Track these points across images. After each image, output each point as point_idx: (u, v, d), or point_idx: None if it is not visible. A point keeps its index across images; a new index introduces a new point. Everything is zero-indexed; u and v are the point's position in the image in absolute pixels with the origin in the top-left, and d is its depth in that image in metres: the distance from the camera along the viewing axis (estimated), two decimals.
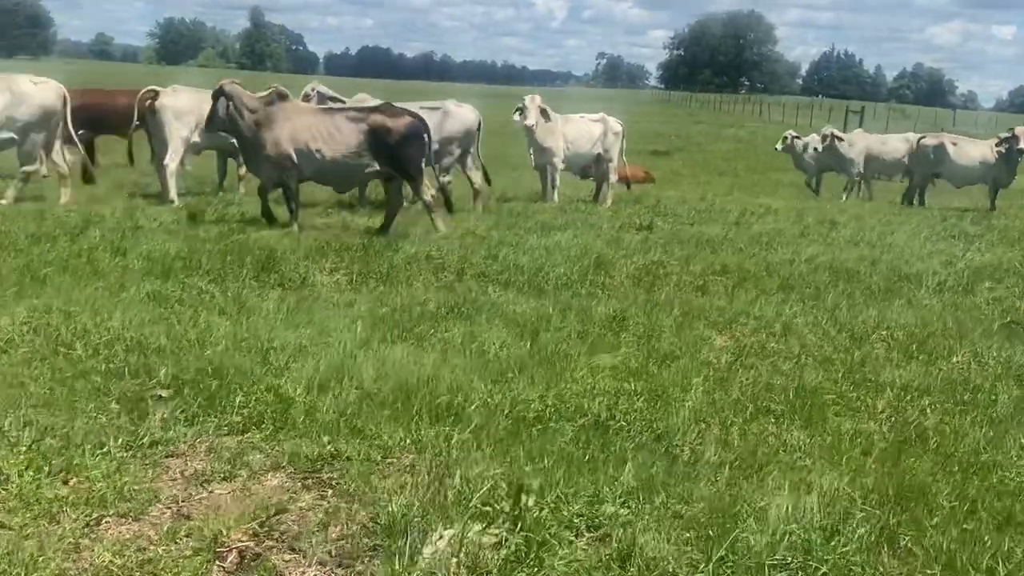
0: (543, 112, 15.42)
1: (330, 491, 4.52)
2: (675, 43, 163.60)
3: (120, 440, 4.86)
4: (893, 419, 5.87)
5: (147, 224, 11.13)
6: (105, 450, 4.72)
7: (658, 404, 5.83)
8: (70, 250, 9.53)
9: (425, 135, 11.71)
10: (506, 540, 3.94)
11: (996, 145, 18.45)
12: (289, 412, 5.36)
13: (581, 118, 16.43)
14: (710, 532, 4.08)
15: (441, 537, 3.90)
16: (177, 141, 13.60)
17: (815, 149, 21.19)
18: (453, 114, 14.17)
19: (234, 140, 13.79)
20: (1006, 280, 10.73)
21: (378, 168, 11.54)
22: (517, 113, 15.67)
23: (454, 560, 3.80)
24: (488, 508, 4.18)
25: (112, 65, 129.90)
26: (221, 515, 4.16)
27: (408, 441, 5.04)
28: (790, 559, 3.93)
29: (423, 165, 11.82)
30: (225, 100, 11.53)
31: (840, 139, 21.12)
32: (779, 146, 22.51)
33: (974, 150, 19.01)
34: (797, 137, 21.99)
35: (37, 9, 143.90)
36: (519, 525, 4.01)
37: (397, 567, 3.77)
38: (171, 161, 13.57)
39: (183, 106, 13.60)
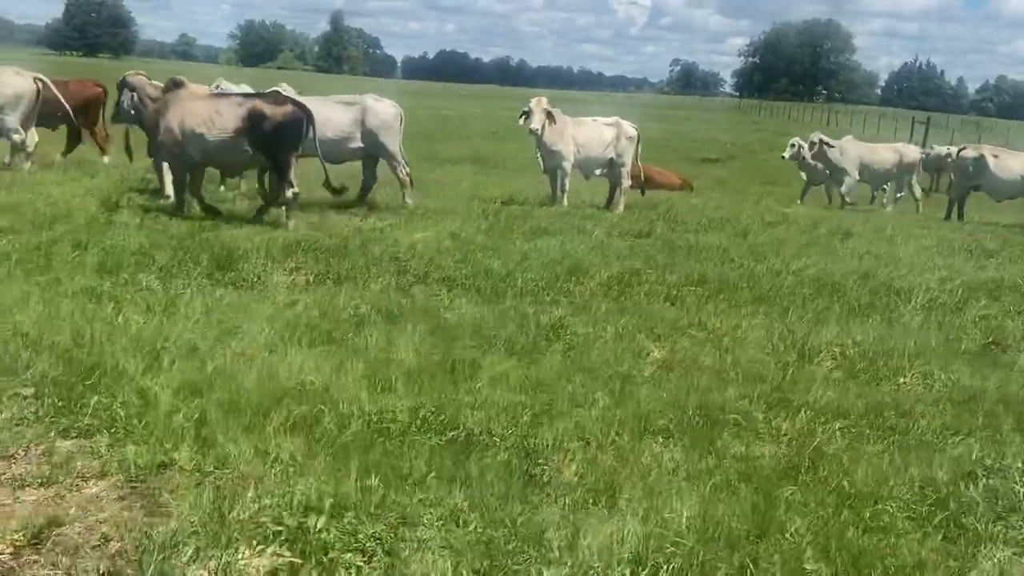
0: (549, 115, 15.07)
1: (140, 503, 4.28)
2: (750, 51, 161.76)
3: None
4: (794, 443, 5.47)
5: (120, 219, 11.03)
6: None
7: (544, 419, 5.50)
8: (32, 243, 9.46)
9: (304, 127, 11.66)
10: (282, 563, 3.66)
11: None
12: (145, 417, 5.14)
13: (593, 121, 16.06)
14: (493, 563, 3.76)
15: (211, 558, 3.64)
16: None
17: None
18: (372, 109, 13.77)
19: None
20: (1004, 298, 10.16)
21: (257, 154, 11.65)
22: (522, 117, 15.36)
23: None
24: (279, 528, 3.90)
25: (188, 65, 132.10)
26: None
27: (250, 453, 4.78)
28: None
29: (294, 155, 11.78)
30: (129, 91, 11.81)
31: (830, 146, 20.20)
32: (786, 154, 21.23)
33: (1015, 163, 18.26)
34: (803, 145, 20.93)
35: (119, 9, 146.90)
36: (301, 547, 3.73)
37: None
38: None
39: None
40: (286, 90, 14.22)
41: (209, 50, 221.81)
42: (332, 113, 13.37)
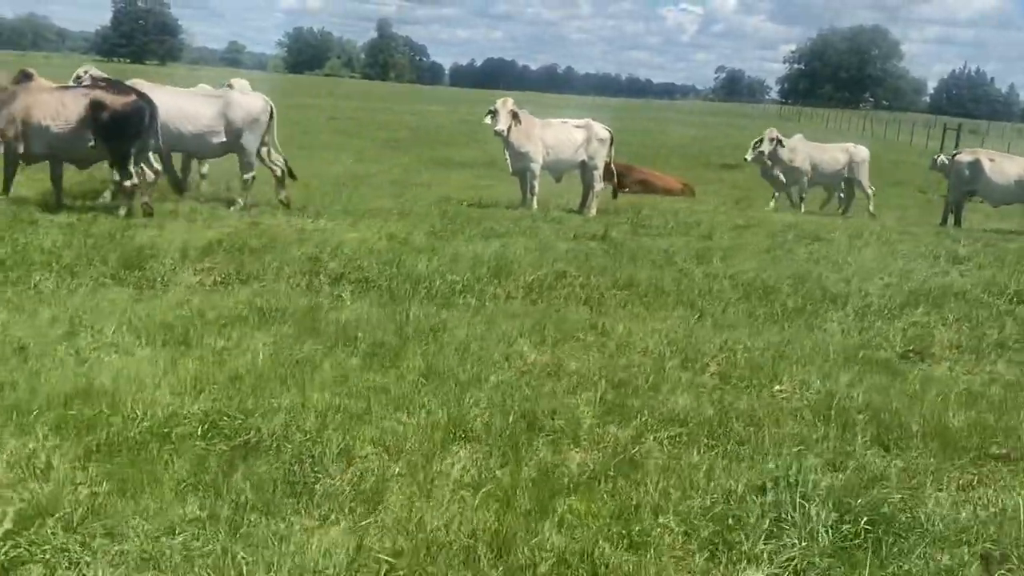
0: (516, 116, 14.81)
1: None
2: (796, 57, 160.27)
3: None
4: (612, 451, 5.17)
5: (46, 217, 10.96)
6: None
7: (351, 425, 5.25)
8: None
9: (146, 118, 11.58)
10: None
11: None
12: None
13: (563, 123, 15.77)
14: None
15: None
16: None
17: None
18: (236, 102, 13.36)
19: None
20: (948, 305, 9.73)
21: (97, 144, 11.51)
22: (489, 117, 15.11)
23: None
24: None
25: (235, 72, 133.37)
26: None
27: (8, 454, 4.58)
28: None
29: (133, 146, 11.63)
30: None
31: (782, 144, 19.37)
32: (748, 156, 19.95)
33: (1012, 167, 17.67)
34: (781, 143, 19.64)
35: (165, 16, 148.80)
36: None
37: None
38: None
39: None
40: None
41: (258, 57, 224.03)
42: (193, 106, 13.07)
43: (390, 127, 41.78)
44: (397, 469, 4.74)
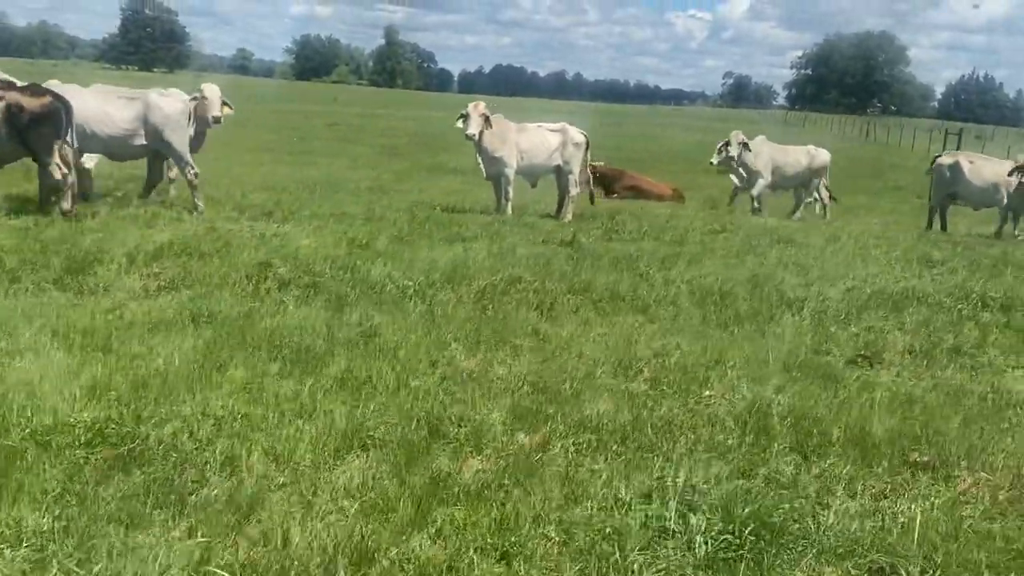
0: (487, 120, 14.67)
1: None
2: (803, 63, 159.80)
3: None
4: (515, 459, 5.03)
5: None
6: None
7: (244, 432, 5.11)
8: None
9: (62, 119, 11.51)
10: None
11: (1008, 174, 16.81)
12: None
13: (538, 127, 15.59)
14: None
15: None
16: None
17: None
18: (155, 105, 13.03)
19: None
20: (909, 310, 9.57)
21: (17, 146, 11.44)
22: (460, 121, 14.97)
23: None
24: None
25: (239, 79, 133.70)
26: None
27: None
28: None
29: (55, 146, 11.53)
30: None
31: (748, 148, 18.98)
32: (714, 160, 19.56)
33: (990, 169, 17.44)
34: (745, 146, 19.12)
35: (173, 24, 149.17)
36: None
37: None
38: (88, 162, 13.36)
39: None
40: (211, 92, 14.07)
41: (266, 65, 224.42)
42: (112, 108, 12.84)
43: (390, 133, 41.72)
44: (282, 479, 4.60)
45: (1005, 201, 16.89)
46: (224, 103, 14.38)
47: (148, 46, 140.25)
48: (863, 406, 6.26)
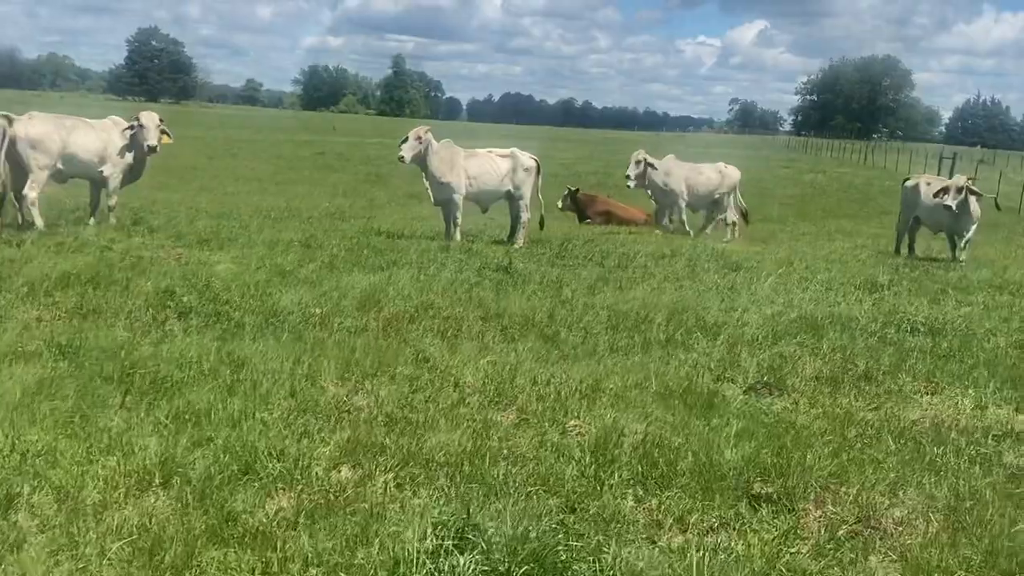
0: (420, 141, 14.48)
1: None
2: (808, 88, 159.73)
3: None
4: (329, 494, 4.80)
5: None
6: None
7: (42, 468, 4.89)
8: None
9: None
10: None
11: (934, 195, 16.18)
12: None
13: (488, 153, 15.42)
14: None
15: None
16: (36, 170, 13.22)
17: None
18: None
19: (102, 169, 13.58)
20: (830, 335, 9.34)
21: None
22: (402, 143, 14.80)
23: None
24: None
25: (244, 109, 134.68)
26: None
27: None
28: None
29: None
30: None
31: (653, 167, 18.51)
32: (630, 182, 18.74)
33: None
34: (651, 165, 18.64)
35: (179, 55, 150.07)
36: None
37: None
38: (30, 191, 13.21)
39: (38, 134, 13.23)
40: (116, 122, 14.03)
41: (275, 95, 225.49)
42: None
43: (375, 162, 41.58)
44: (60, 519, 4.37)
45: (947, 222, 16.46)
46: (164, 132, 14.24)
47: (154, 77, 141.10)
48: (727, 435, 6.00)
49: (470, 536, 4.08)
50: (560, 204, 21.11)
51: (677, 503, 5.04)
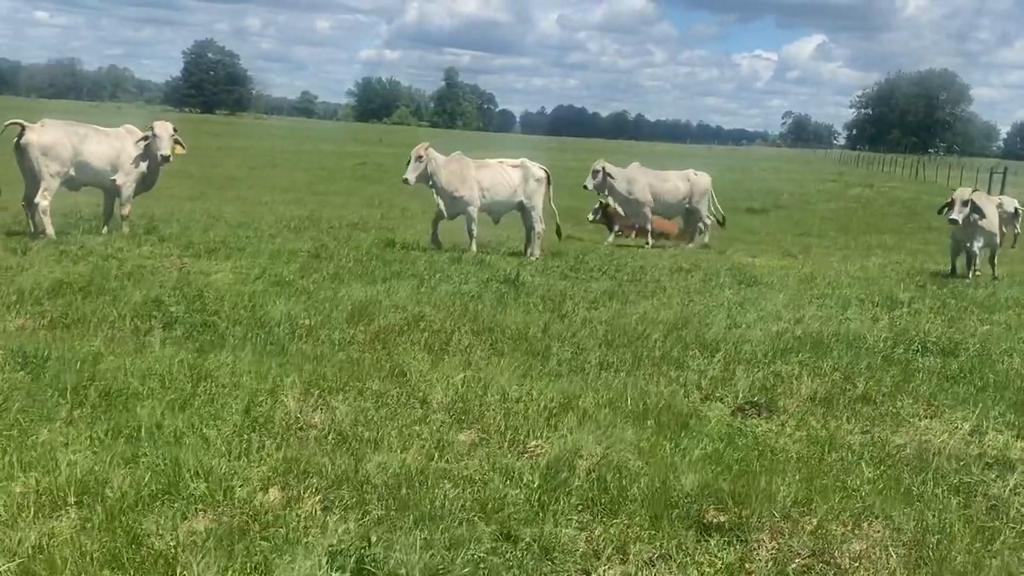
0: (419, 160, 14.26)
1: None
2: (863, 101, 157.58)
3: None
4: (249, 514, 4.58)
5: None
6: None
7: None
8: None
9: None
10: None
11: (939, 212, 15.65)
12: None
13: (500, 164, 15.20)
14: None
15: None
16: (47, 178, 13.21)
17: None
18: None
19: (115, 177, 13.57)
20: (835, 353, 9.00)
21: None
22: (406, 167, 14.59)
23: None
24: None
25: (299, 121, 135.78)
26: None
27: None
28: None
29: None
30: None
31: (611, 176, 18.05)
32: (588, 183, 18.43)
33: (988, 206, 16.35)
34: (610, 175, 18.22)
35: (235, 67, 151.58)
36: None
37: None
38: (42, 199, 13.20)
39: (50, 141, 13.23)
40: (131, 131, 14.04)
41: (331, 107, 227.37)
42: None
43: None
44: None
45: (996, 240, 15.88)
46: (177, 142, 14.19)
47: (210, 89, 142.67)
48: (691, 459, 5.71)
49: (368, 567, 3.83)
50: (591, 216, 20.72)
51: (623, 532, 4.76)
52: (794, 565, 4.58)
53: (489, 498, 4.99)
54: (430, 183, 14.54)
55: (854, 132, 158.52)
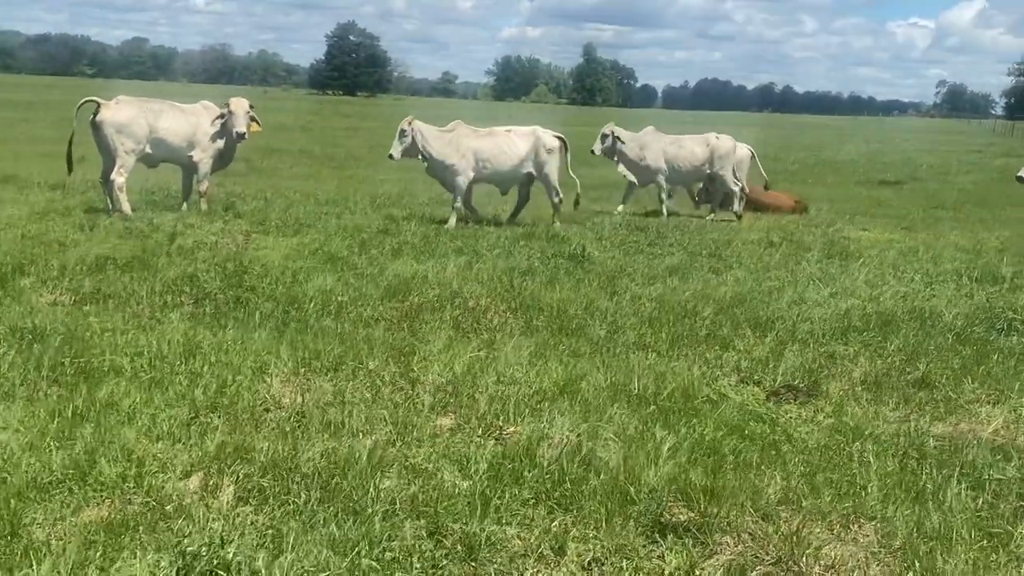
0: (402, 134, 13.83)
1: None
2: (1021, 69, 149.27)
3: None
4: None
5: None
6: None
7: None
8: None
9: None
10: None
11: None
12: None
13: (507, 132, 14.43)
14: None
15: None
16: (123, 155, 13.28)
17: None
18: None
19: (191, 154, 13.59)
20: (899, 334, 8.22)
21: None
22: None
23: None
24: None
25: (437, 101, 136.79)
26: None
27: None
28: None
29: None
30: None
31: (621, 140, 16.56)
32: (595, 148, 16.87)
33: None
34: (619, 139, 16.70)
35: (375, 49, 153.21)
36: None
37: None
38: (118, 176, 13.27)
39: (125, 119, 13.27)
40: (207, 108, 13.97)
41: (472, 87, 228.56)
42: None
43: None
44: None
45: None
46: (253, 119, 14.07)
47: (352, 71, 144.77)
48: (671, 448, 5.14)
49: (218, 571, 3.44)
50: (697, 197, 19.80)
51: (566, 530, 4.26)
52: (753, 574, 3.99)
53: (431, 490, 4.54)
54: (420, 156, 13.98)
55: (1012, 101, 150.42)
